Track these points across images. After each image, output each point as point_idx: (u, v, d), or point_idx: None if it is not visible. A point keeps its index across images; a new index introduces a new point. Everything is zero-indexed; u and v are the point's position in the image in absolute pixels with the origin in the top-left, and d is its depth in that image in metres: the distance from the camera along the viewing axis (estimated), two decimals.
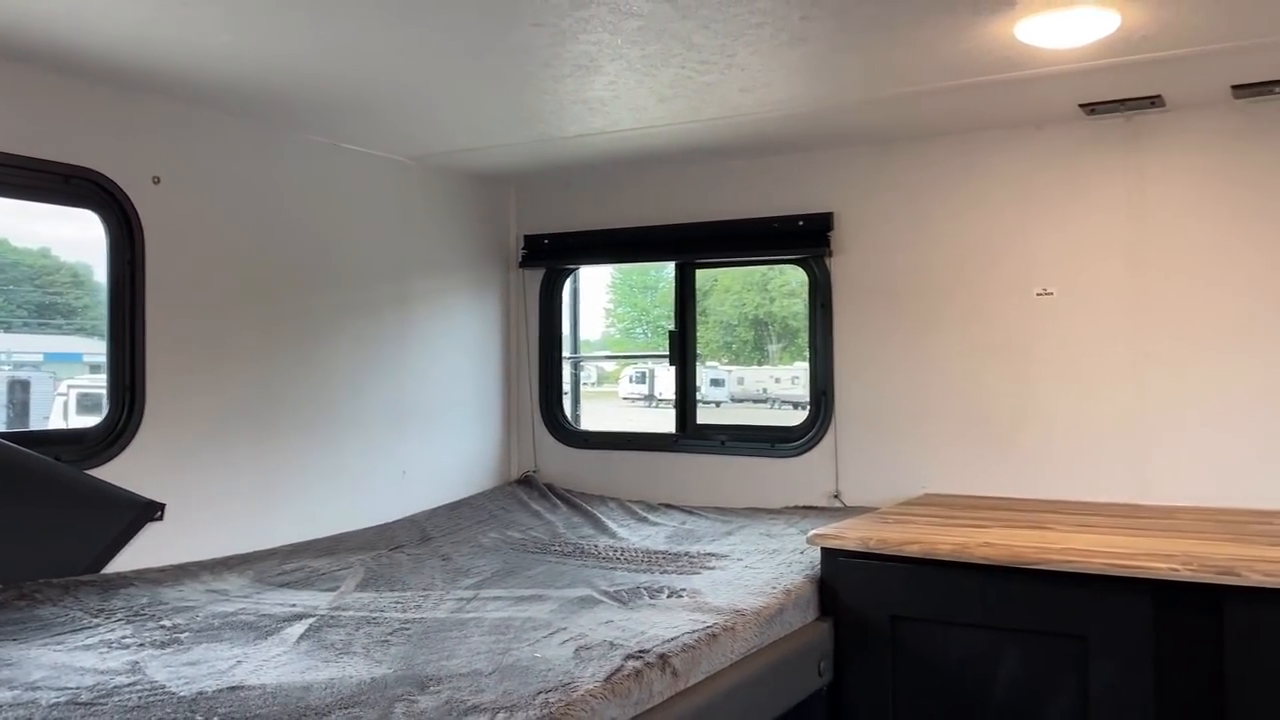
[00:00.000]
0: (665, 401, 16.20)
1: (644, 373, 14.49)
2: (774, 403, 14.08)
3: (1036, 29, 2.58)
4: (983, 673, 2.63)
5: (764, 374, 14.31)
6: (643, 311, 13.87)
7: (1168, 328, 3.36)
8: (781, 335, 14.74)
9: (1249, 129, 3.25)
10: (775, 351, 14.48)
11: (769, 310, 13.72)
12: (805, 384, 13.83)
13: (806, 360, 4.09)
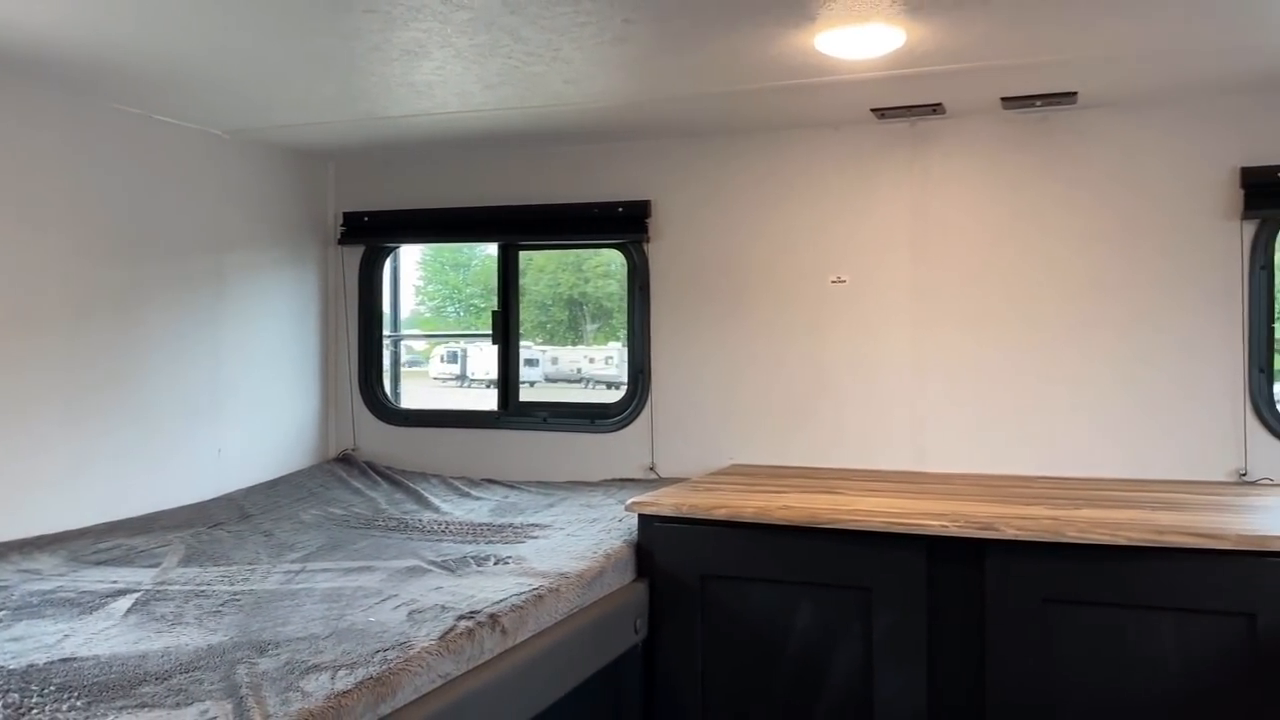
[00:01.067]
0: (478, 381, 16.21)
1: (455, 352, 14.42)
2: (588, 383, 14.29)
3: (834, 41, 2.84)
4: (781, 623, 2.91)
5: (578, 354, 14.48)
6: (454, 289, 13.78)
7: (944, 314, 3.74)
8: (596, 315, 14.95)
9: (1015, 136, 3.66)
10: (590, 332, 14.69)
11: (583, 290, 13.89)
12: (620, 364, 14.17)
13: (621, 341, 4.29)
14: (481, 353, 15.32)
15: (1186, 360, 3.45)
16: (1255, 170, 3.36)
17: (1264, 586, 2.46)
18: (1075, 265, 3.58)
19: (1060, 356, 3.59)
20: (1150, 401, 3.49)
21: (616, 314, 15.01)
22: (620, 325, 16.45)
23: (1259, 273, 3.39)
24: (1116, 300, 3.53)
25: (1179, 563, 2.53)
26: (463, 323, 14.41)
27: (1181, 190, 3.46)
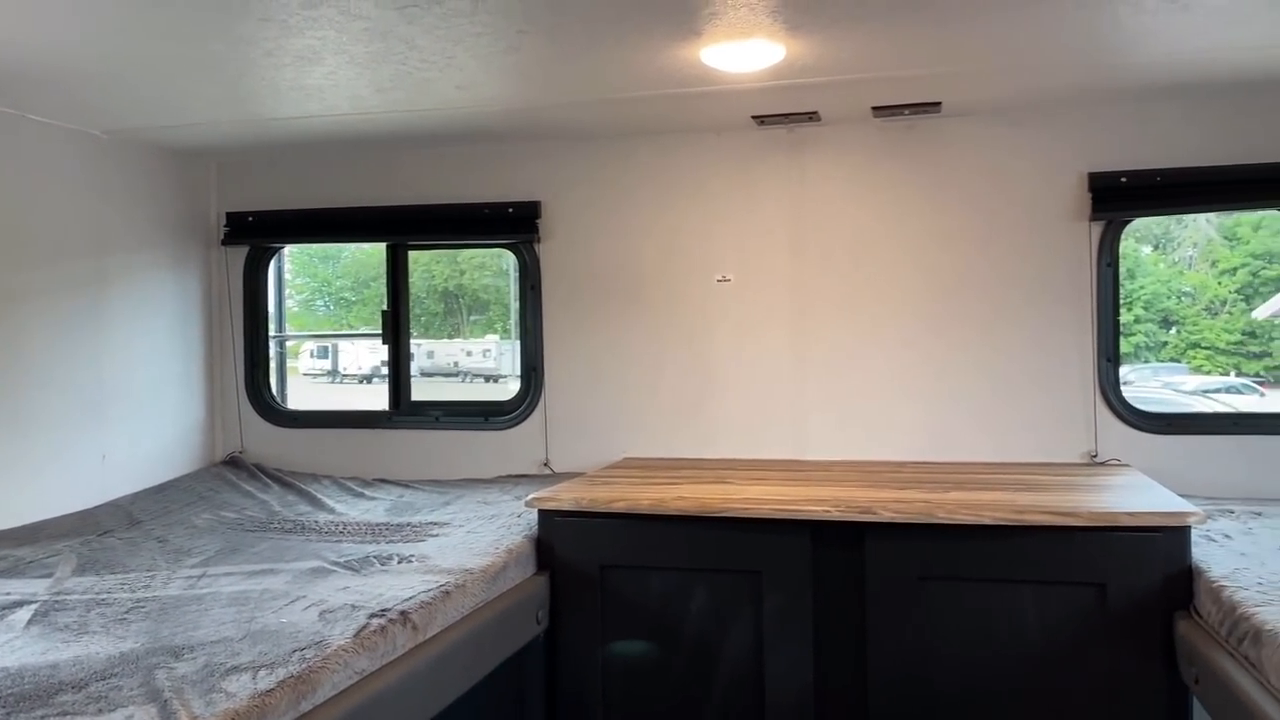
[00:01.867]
0: (350, 377, 15.82)
1: (326, 347, 14.17)
2: (466, 376, 14.19)
3: (718, 55, 2.99)
4: (678, 608, 3.05)
5: (455, 347, 14.36)
6: (324, 283, 13.50)
7: (822, 310, 3.95)
8: (473, 308, 14.85)
9: (885, 142, 3.88)
10: (467, 324, 14.59)
11: (460, 283, 13.79)
12: (498, 357, 14.22)
13: (499, 334, 4.36)
14: (354, 347, 15.07)
15: (1042, 351, 3.74)
16: (1101, 175, 3.66)
17: (1113, 559, 2.72)
18: (941, 263, 3.83)
19: (928, 349, 3.84)
20: (1010, 390, 3.77)
21: (494, 306, 14.96)
22: (498, 318, 16.36)
23: (1105, 269, 3.70)
24: (979, 296, 3.80)
25: (1037, 539, 2.77)
26: (334, 317, 14.14)
27: (1036, 193, 3.74)
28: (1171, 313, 19.33)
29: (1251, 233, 20.56)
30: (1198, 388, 16.20)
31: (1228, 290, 20.04)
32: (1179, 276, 20.00)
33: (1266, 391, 16.80)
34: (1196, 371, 18.88)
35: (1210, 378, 18.38)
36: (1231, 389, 17.08)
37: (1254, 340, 19.60)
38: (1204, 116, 3.57)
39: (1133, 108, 3.63)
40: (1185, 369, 18.57)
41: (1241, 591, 2.37)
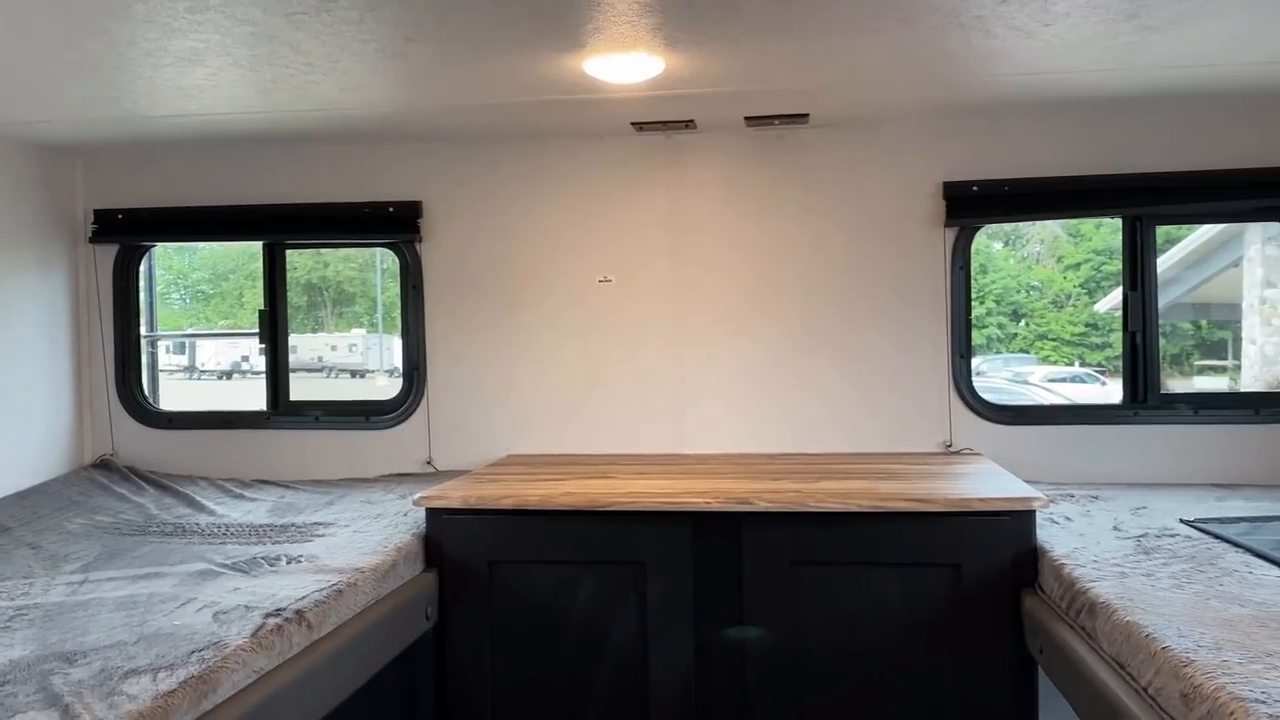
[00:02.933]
0: (209, 373, 15.29)
1: (182, 343, 13.74)
2: (330, 371, 13.91)
3: (601, 66, 3.11)
4: (565, 600, 3.16)
5: (319, 342, 14.04)
6: (179, 275, 13.05)
7: (699, 310, 4.11)
8: (338, 301, 14.54)
9: (757, 150, 4.07)
10: (332, 318, 14.27)
11: (323, 275, 13.50)
12: (364, 352, 14.03)
13: (365, 327, 4.38)
14: (213, 343, 14.60)
15: (902, 348, 3.99)
16: (954, 185, 3.92)
17: (967, 541, 2.95)
18: (810, 265, 4.04)
19: (798, 347, 4.05)
20: (873, 384, 4.01)
21: (359, 299, 14.69)
22: (364, 312, 16.01)
23: (958, 272, 3.97)
24: (845, 296, 4.02)
25: (900, 524, 2.98)
26: (191, 311, 13.67)
27: (896, 201, 3.98)
28: (1021, 306, 20.39)
29: (1094, 230, 21.84)
30: (1045, 377, 17.16)
31: (1073, 284, 21.27)
32: (1028, 271, 21.12)
33: (1108, 380, 17.90)
34: (1044, 362, 19.98)
35: (1057, 367, 19.48)
36: (1076, 378, 18.17)
37: (1096, 332, 20.85)
38: (1048, 131, 3.87)
39: (984, 122, 3.90)
40: (1034, 359, 19.64)
41: (1080, 569, 2.62)
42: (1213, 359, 14.39)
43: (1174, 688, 1.91)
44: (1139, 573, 2.56)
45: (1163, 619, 2.17)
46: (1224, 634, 2.05)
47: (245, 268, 16.19)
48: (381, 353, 13.95)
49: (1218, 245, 12.31)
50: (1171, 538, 2.91)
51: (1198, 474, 3.81)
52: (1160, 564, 2.63)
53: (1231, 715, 1.68)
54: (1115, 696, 2.16)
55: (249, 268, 16.94)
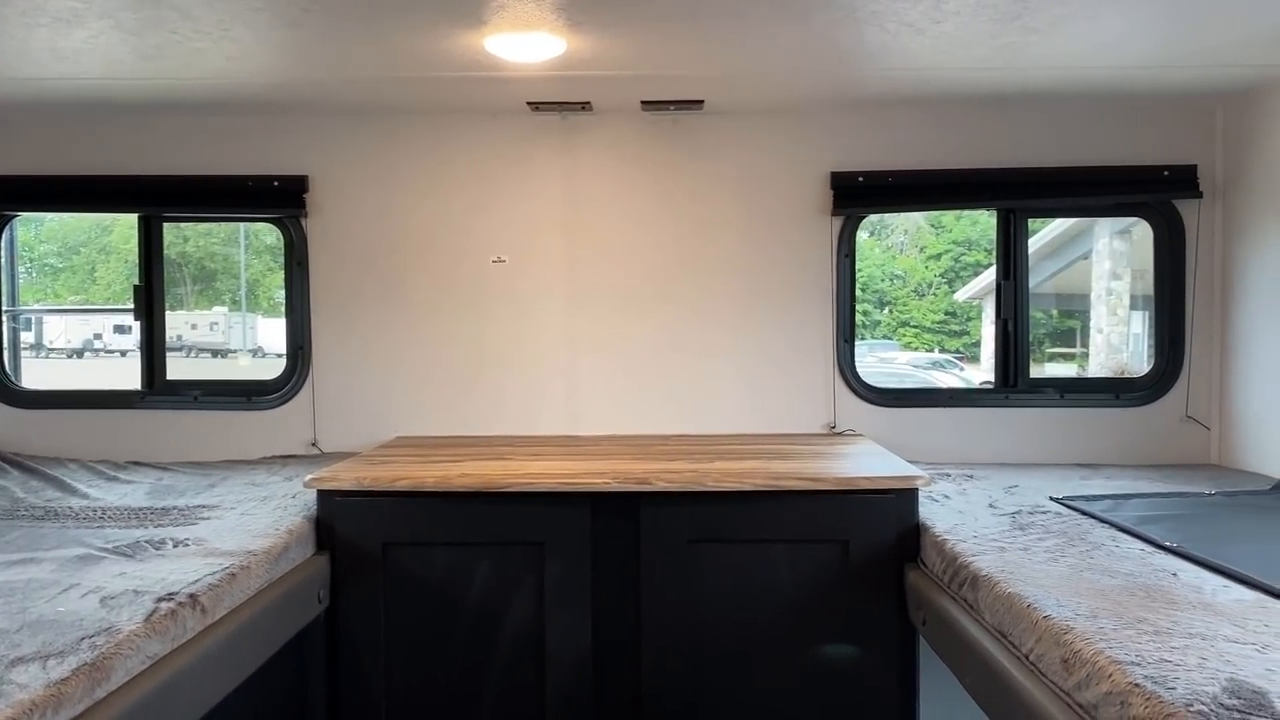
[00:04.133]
0: (58, 351, 14.55)
1: (29, 319, 13.11)
2: (191, 351, 13.37)
3: (502, 44, 3.09)
4: (461, 582, 3.15)
5: (179, 320, 13.47)
6: (25, 247, 12.38)
7: (594, 291, 4.13)
8: (198, 278, 13.97)
9: (652, 134, 4.10)
10: (192, 295, 13.72)
11: (183, 250, 12.95)
12: (226, 330, 13.58)
13: (227, 305, 4.26)
14: (60, 320, 13.87)
15: (791, 332, 4.09)
16: (841, 175, 4.04)
17: (853, 518, 3.07)
18: (704, 250, 4.11)
19: (692, 329, 4.11)
20: (763, 367, 4.10)
21: (222, 276, 14.15)
22: (226, 289, 15.47)
23: (844, 260, 4.10)
24: (736, 281, 4.10)
25: (791, 502, 3.07)
26: (37, 285, 12.96)
27: (786, 189, 4.08)
28: (885, 294, 21.06)
29: (954, 221, 22.69)
30: (908, 362, 17.81)
31: (933, 274, 22.07)
32: (892, 261, 21.81)
33: (965, 366, 18.70)
34: (907, 348, 20.71)
35: (918, 354, 20.21)
36: (936, 364, 18.92)
37: (955, 320, 21.71)
38: (931, 126, 4.02)
39: (871, 115, 4.03)
40: (896, 345, 20.32)
41: (961, 544, 2.76)
42: (1063, 347, 15.19)
43: (1055, 654, 2.03)
44: (1016, 547, 2.71)
45: (1041, 590, 2.31)
46: (1098, 603, 2.19)
47: (97, 241, 15.35)
48: (245, 332, 13.47)
49: (1069, 239, 12.98)
50: (1044, 514, 3.08)
51: (1063, 454, 4.04)
52: (1035, 539, 2.79)
53: (1110, 677, 1.80)
54: (998, 663, 2.28)
55: (101, 241, 16.05)
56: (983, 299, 17.44)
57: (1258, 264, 3.77)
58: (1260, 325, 3.76)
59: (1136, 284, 13.26)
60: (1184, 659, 1.82)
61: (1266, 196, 3.70)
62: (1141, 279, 13.26)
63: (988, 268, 18.53)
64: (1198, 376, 4.03)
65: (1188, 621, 2.05)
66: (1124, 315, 13.48)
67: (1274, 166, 3.66)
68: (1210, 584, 2.33)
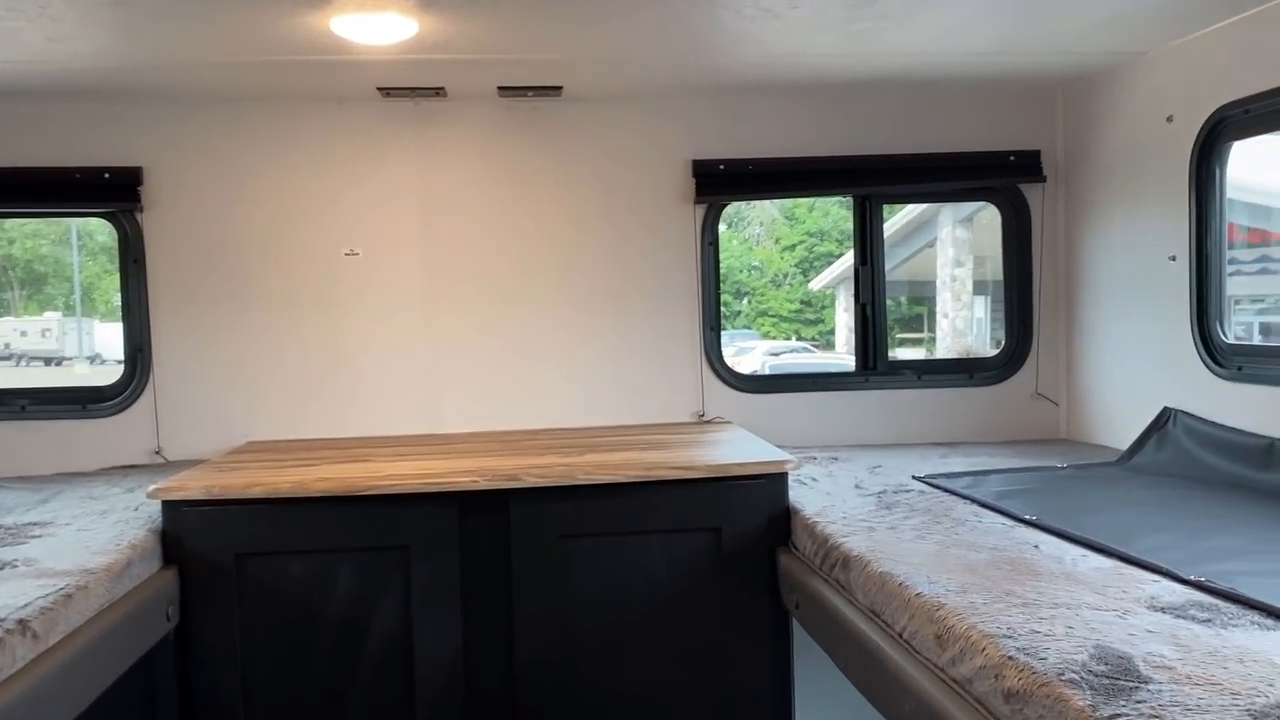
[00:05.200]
0: None
1: None
2: (20, 359, 12.53)
3: (349, 25, 2.94)
4: (322, 591, 3.00)
5: (6, 327, 12.61)
6: None
7: (453, 283, 4.01)
8: (26, 282, 13.10)
9: (511, 121, 4.01)
10: (20, 300, 12.86)
11: (8, 253, 12.12)
12: (59, 337, 12.87)
13: (59, 310, 3.99)
14: None
15: (658, 321, 4.07)
16: (702, 163, 4.03)
17: (726, 505, 3.05)
18: (567, 238, 4.04)
19: (557, 320, 4.04)
20: (631, 356, 4.07)
21: (54, 280, 13.30)
22: (59, 293, 14.70)
23: (708, 248, 4.09)
24: (602, 270, 4.05)
25: (664, 492, 3.04)
26: None
27: (649, 177, 4.05)
28: (744, 284, 21.39)
29: (807, 213, 23.20)
30: (767, 351, 18.19)
31: (789, 264, 22.54)
32: (749, 252, 22.17)
33: (821, 353, 19.19)
34: (765, 337, 21.13)
35: (777, 342, 20.66)
36: (794, 351, 19.36)
37: (810, 309, 22.24)
38: (789, 114, 4.05)
39: (731, 102, 4.03)
40: (756, 334, 20.71)
41: (831, 526, 2.78)
42: (911, 332, 15.76)
43: (928, 630, 2.05)
44: (884, 526, 2.74)
45: (912, 568, 2.33)
46: (967, 578, 2.23)
47: None
48: (81, 338, 12.69)
49: (915, 227, 13.46)
50: (908, 493, 3.14)
51: (923, 434, 4.14)
52: (902, 517, 2.83)
53: (983, 651, 1.83)
54: (872, 642, 2.30)
55: None
56: (836, 288, 17.96)
57: (1099, 245, 3.94)
58: (1102, 304, 3.94)
59: (978, 270, 13.87)
60: (1052, 629, 1.86)
61: (1105, 179, 3.87)
62: (982, 265, 13.89)
63: (839, 257, 19.10)
64: (1046, 355, 4.19)
65: (1052, 592, 2.10)
66: (968, 300, 14.08)
67: (1112, 150, 3.83)
68: (1070, 554, 2.40)
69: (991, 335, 15.00)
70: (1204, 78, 3.29)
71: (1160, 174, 3.52)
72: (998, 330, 14.02)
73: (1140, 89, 3.65)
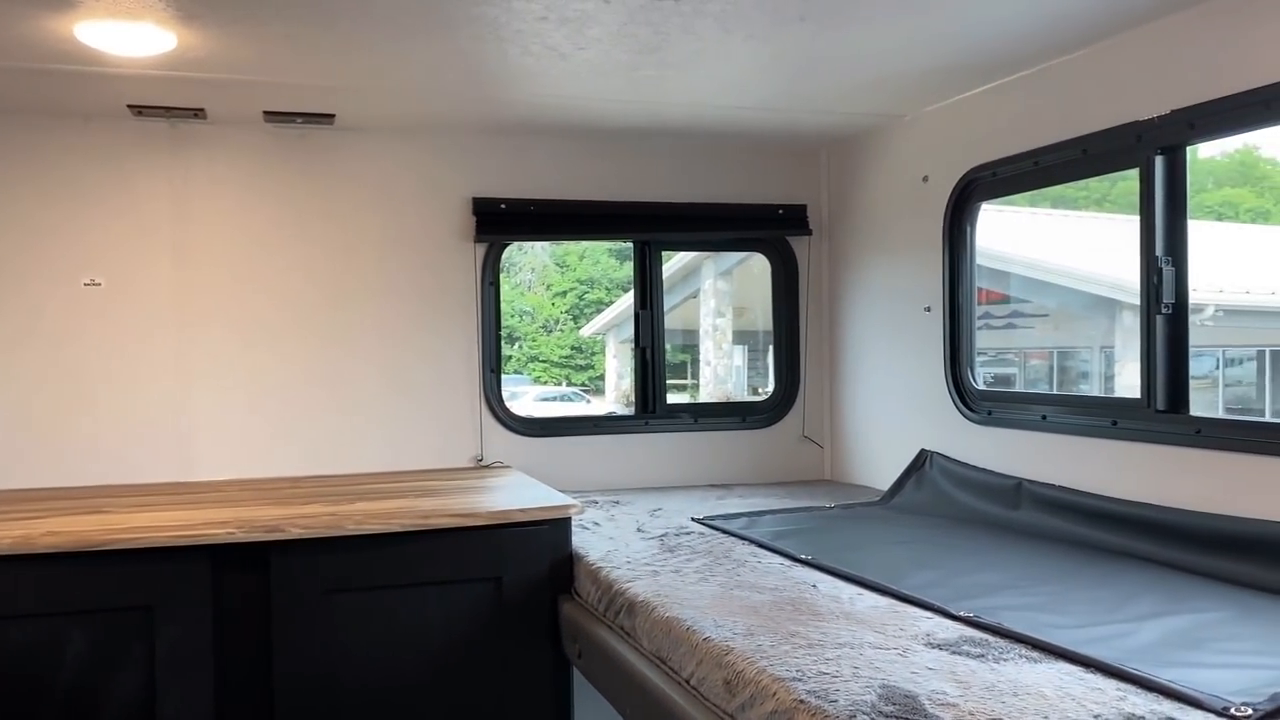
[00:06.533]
0: None
1: None
2: None
3: (97, 33, 2.68)
4: (48, 660, 2.64)
5: None
6: None
7: (210, 319, 3.72)
8: None
9: (277, 148, 3.78)
10: None
11: None
12: None
13: None
14: None
15: (436, 362, 3.93)
16: (483, 200, 3.95)
17: (506, 553, 2.94)
18: (338, 274, 3.83)
19: (325, 360, 3.82)
20: (405, 399, 3.90)
21: None
22: None
23: (488, 288, 4.00)
24: (375, 309, 3.87)
25: (441, 541, 2.89)
26: None
27: (427, 212, 3.92)
28: (515, 329, 21.36)
29: (578, 261, 23.51)
30: (538, 396, 18.15)
31: (559, 310, 22.72)
32: (520, 297, 22.18)
33: (591, 399, 19.37)
34: (537, 382, 21.14)
35: (548, 387, 20.70)
36: (565, 397, 19.43)
37: (580, 354, 22.46)
38: (573, 156, 4.04)
39: (515, 141, 3.98)
40: (528, 379, 20.68)
41: (616, 570, 2.73)
42: (678, 378, 16.18)
43: (717, 676, 2.03)
44: (668, 570, 2.72)
45: (698, 612, 2.31)
46: (753, 620, 2.22)
47: None
48: None
49: (681, 278, 13.86)
50: (689, 535, 3.14)
51: (700, 476, 4.19)
52: (685, 560, 2.82)
53: (774, 695, 1.81)
54: (658, 690, 2.25)
55: None
56: (606, 334, 18.22)
57: (860, 295, 4.14)
58: (863, 350, 4.13)
59: (738, 320, 14.45)
60: (839, 669, 1.87)
61: (867, 233, 4.09)
62: (741, 316, 14.49)
63: (609, 305, 19.42)
64: (812, 399, 4.35)
65: (835, 631, 2.13)
66: (728, 349, 14.63)
67: (873, 206, 4.05)
68: (846, 593, 2.46)
69: (749, 382, 15.64)
70: (957, 141, 3.54)
71: (917, 230, 3.75)
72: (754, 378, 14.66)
73: (899, 149, 3.88)
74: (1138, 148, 2.84)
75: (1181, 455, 2.73)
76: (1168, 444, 2.78)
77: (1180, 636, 2.03)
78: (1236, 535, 2.48)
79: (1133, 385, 9.92)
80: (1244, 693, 1.67)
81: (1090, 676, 1.81)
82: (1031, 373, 12.17)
